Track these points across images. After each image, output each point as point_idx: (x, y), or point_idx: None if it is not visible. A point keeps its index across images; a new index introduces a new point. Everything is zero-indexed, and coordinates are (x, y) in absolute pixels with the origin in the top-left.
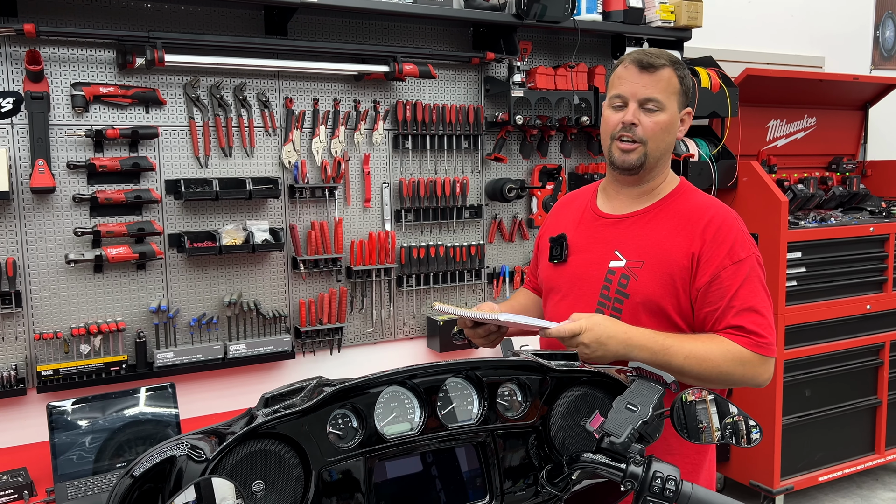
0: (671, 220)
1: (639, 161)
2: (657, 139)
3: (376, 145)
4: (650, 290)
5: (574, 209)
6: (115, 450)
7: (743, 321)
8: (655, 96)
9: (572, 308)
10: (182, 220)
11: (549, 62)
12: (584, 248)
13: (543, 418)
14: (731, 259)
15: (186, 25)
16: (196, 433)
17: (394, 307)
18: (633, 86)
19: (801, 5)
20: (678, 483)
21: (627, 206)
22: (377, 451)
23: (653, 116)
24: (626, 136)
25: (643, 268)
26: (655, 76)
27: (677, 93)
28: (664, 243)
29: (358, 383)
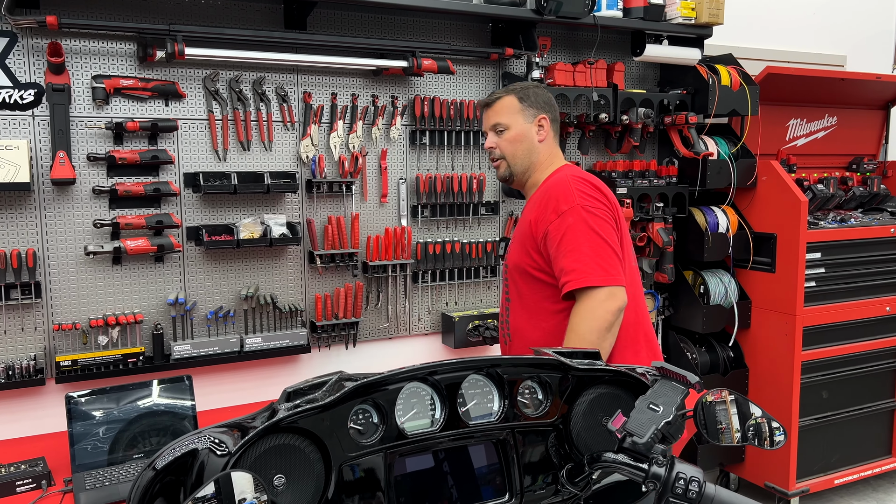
0: (532, 203)
1: (506, 172)
2: (512, 150)
3: (394, 140)
4: (516, 256)
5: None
6: (132, 441)
7: (565, 263)
8: (499, 121)
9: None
10: (200, 213)
11: (567, 58)
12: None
13: (564, 417)
14: (556, 213)
15: (206, 19)
16: (218, 426)
17: (409, 303)
18: (485, 121)
19: (822, 3)
20: (701, 485)
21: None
22: (397, 447)
23: (504, 135)
24: (491, 158)
25: (513, 241)
26: (495, 108)
27: (519, 110)
28: (525, 220)
29: (379, 379)
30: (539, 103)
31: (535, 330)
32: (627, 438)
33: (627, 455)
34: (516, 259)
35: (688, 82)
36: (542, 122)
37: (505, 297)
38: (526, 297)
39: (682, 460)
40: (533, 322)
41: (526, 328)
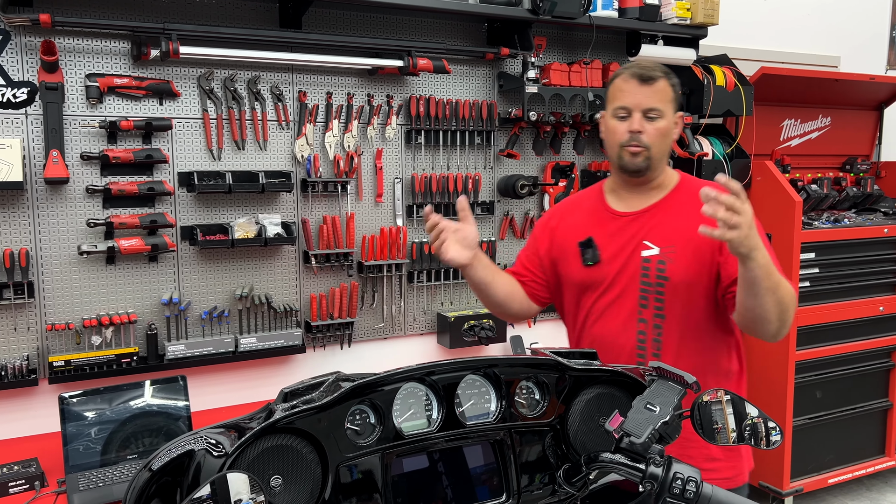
0: (687, 205)
1: (645, 163)
2: (658, 143)
3: (389, 140)
4: (687, 269)
5: (584, 213)
6: (125, 442)
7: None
8: (656, 105)
9: (617, 302)
10: (194, 212)
11: (563, 58)
12: (612, 246)
13: (561, 417)
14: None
15: (201, 17)
16: (214, 427)
17: (404, 303)
18: (635, 97)
19: (817, 4)
20: (699, 485)
21: (641, 202)
22: (394, 448)
23: (654, 124)
24: (633, 144)
25: (676, 251)
26: (654, 87)
27: (672, 100)
28: (690, 226)
29: (376, 379)
30: (680, 98)
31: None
32: (625, 439)
33: (625, 455)
34: (692, 273)
35: (683, 82)
36: (679, 121)
37: (652, 314)
38: (689, 309)
39: (679, 460)
40: (692, 332)
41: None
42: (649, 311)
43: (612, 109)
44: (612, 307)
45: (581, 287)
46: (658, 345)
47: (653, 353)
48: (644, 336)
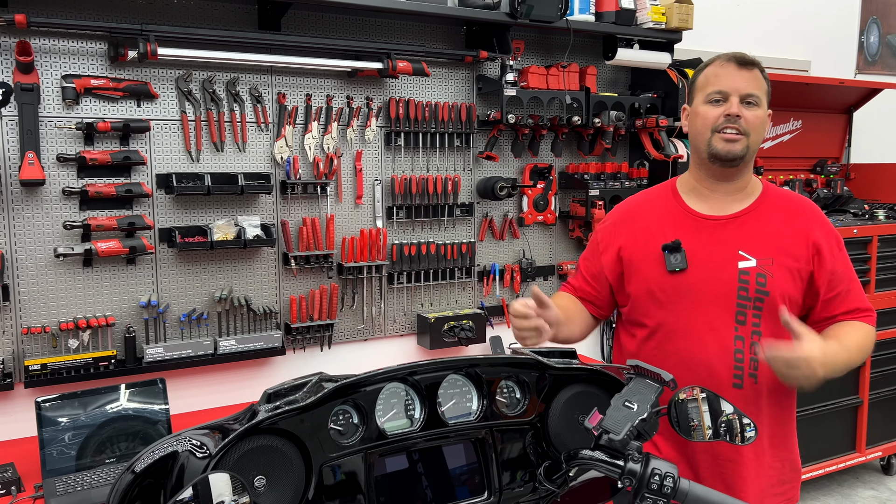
0: (780, 214)
1: (742, 151)
2: (757, 132)
3: (369, 142)
4: (787, 285)
5: (657, 214)
6: (104, 446)
7: (861, 301)
8: (755, 92)
9: (709, 314)
10: (173, 214)
11: (541, 62)
12: (700, 253)
13: (541, 415)
14: (838, 246)
15: (179, 19)
16: (198, 428)
17: (384, 304)
18: (734, 81)
19: (788, 9)
20: (676, 480)
21: (727, 205)
22: (378, 447)
23: (753, 110)
24: (730, 127)
25: (774, 264)
26: (753, 73)
27: (766, 93)
28: (784, 237)
29: (359, 379)
30: (770, 94)
31: None
32: (604, 436)
33: (604, 452)
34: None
35: (658, 86)
36: (769, 121)
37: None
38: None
39: (657, 456)
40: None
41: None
42: (747, 329)
43: (702, 97)
44: (702, 321)
45: (660, 296)
46: (755, 364)
47: (749, 373)
48: (742, 355)
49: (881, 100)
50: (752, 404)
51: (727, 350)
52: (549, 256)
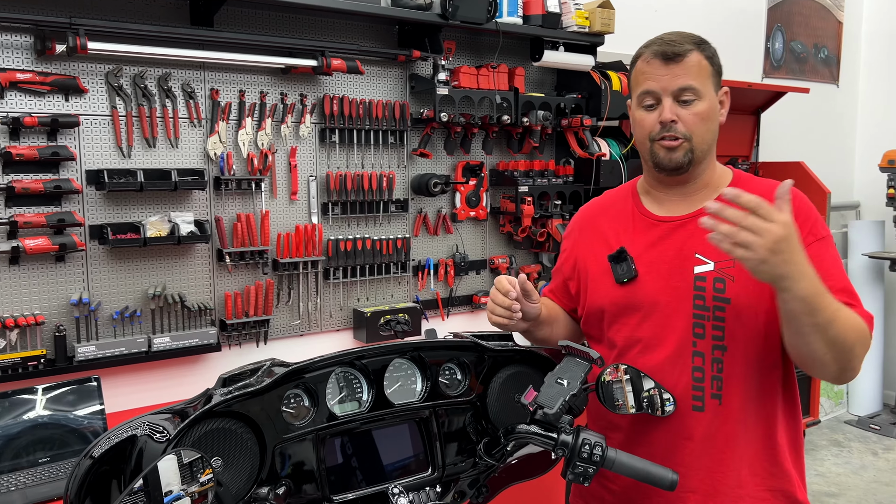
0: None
1: (686, 158)
2: (701, 131)
3: (303, 138)
4: (752, 290)
5: (611, 218)
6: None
7: (847, 301)
8: (689, 84)
9: (664, 329)
10: (104, 211)
11: (472, 62)
12: (654, 259)
13: (481, 395)
14: (815, 236)
15: (110, 13)
16: (154, 413)
17: (321, 299)
18: (661, 79)
19: (701, 17)
20: (604, 449)
21: (686, 205)
22: (328, 428)
23: (691, 108)
24: (667, 135)
25: (736, 266)
26: (683, 64)
27: (710, 75)
28: None
29: (309, 364)
30: (721, 68)
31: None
32: (538, 411)
33: (539, 426)
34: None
35: (582, 87)
36: (725, 98)
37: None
38: (758, 338)
39: (587, 429)
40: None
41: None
42: (706, 343)
43: (636, 98)
44: (658, 336)
45: (614, 311)
46: (719, 383)
47: (712, 393)
48: (701, 373)
49: (785, 102)
50: (718, 430)
51: (684, 368)
52: (481, 251)
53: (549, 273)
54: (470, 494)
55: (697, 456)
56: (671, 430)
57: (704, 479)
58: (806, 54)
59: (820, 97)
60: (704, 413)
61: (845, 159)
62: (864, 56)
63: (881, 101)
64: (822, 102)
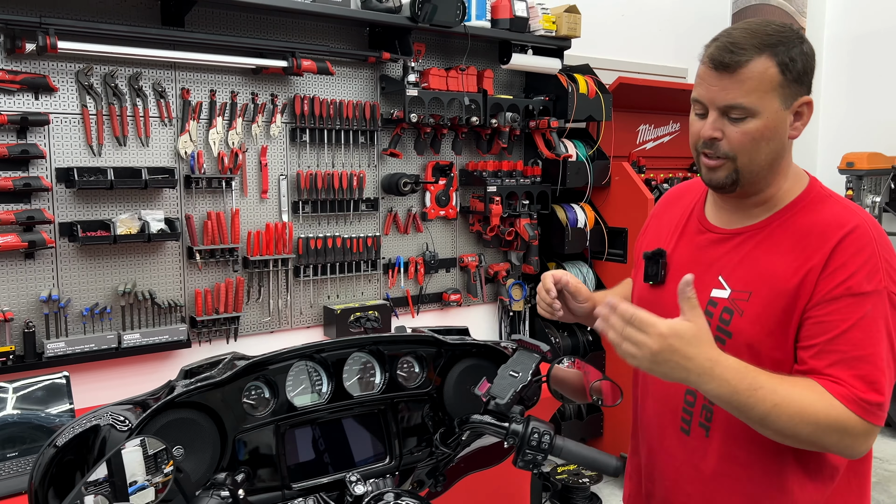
0: (788, 239)
1: (728, 179)
2: (749, 152)
3: (274, 138)
4: (757, 328)
5: (678, 212)
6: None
7: (850, 371)
8: (739, 102)
9: None
10: (74, 208)
11: (441, 64)
12: (685, 269)
13: (438, 387)
14: (850, 290)
15: (80, 12)
16: (118, 403)
17: (291, 297)
18: (710, 90)
19: (667, 21)
20: (552, 437)
21: (739, 218)
22: (288, 419)
23: (740, 126)
24: (708, 152)
25: (750, 300)
26: (738, 77)
27: (777, 87)
28: (777, 268)
29: (269, 357)
30: (808, 73)
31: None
32: (491, 402)
33: (491, 416)
34: (762, 335)
35: (550, 90)
36: (803, 109)
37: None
38: None
39: (537, 418)
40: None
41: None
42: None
43: (692, 100)
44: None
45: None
46: (708, 414)
47: (700, 421)
48: (693, 398)
49: None
50: (698, 459)
51: (677, 389)
52: (451, 249)
53: (518, 270)
54: (429, 483)
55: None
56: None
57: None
58: None
59: None
60: (689, 437)
61: (809, 161)
62: (826, 60)
63: (842, 104)
64: None
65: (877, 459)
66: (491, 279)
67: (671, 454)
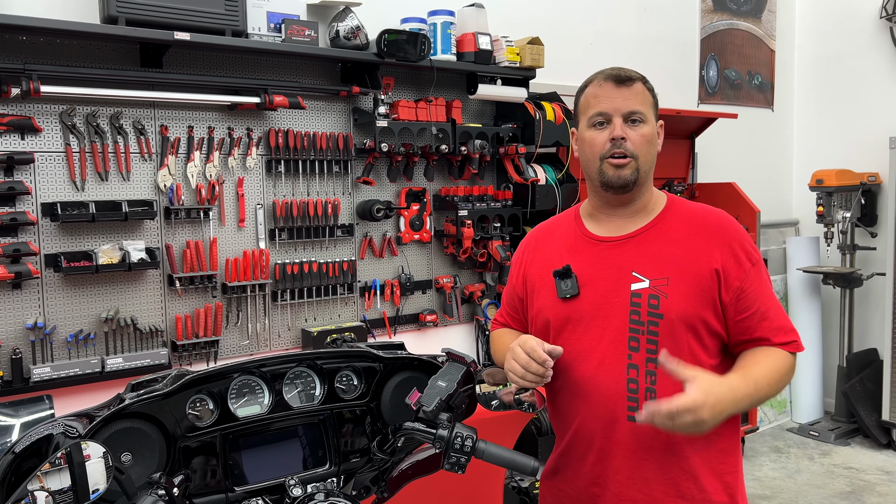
0: (679, 231)
1: (633, 176)
2: (645, 153)
3: (250, 169)
4: (685, 304)
5: (558, 240)
6: None
7: (780, 325)
8: (638, 108)
9: (602, 342)
10: (59, 241)
11: (411, 95)
12: (593, 277)
13: (376, 398)
14: (751, 262)
15: (62, 58)
16: (70, 415)
17: (269, 320)
18: (613, 101)
19: (635, 49)
20: (474, 440)
21: (624, 225)
22: (231, 429)
23: (638, 129)
24: (617, 152)
25: (669, 284)
26: (633, 89)
27: (652, 105)
28: (682, 254)
29: (211, 372)
30: (658, 102)
31: None
32: (420, 410)
33: (421, 423)
34: (691, 309)
35: (518, 117)
36: (660, 131)
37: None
38: (690, 353)
39: (463, 424)
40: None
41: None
42: (640, 355)
43: (586, 120)
44: (595, 348)
45: (558, 324)
46: (652, 394)
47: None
48: (636, 385)
49: (722, 127)
50: (651, 439)
51: (620, 379)
52: (426, 272)
53: (493, 291)
54: (374, 490)
55: (634, 465)
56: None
57: (643, 488)
58: (740, 81)
59: (755, 121)
60: (639, 424)
61: (784, 179)
62: (798, 82)
63: (814, 125)
64: (756, 126)
65: (852, 470)
66: (467, 299)
67: (623, 446)
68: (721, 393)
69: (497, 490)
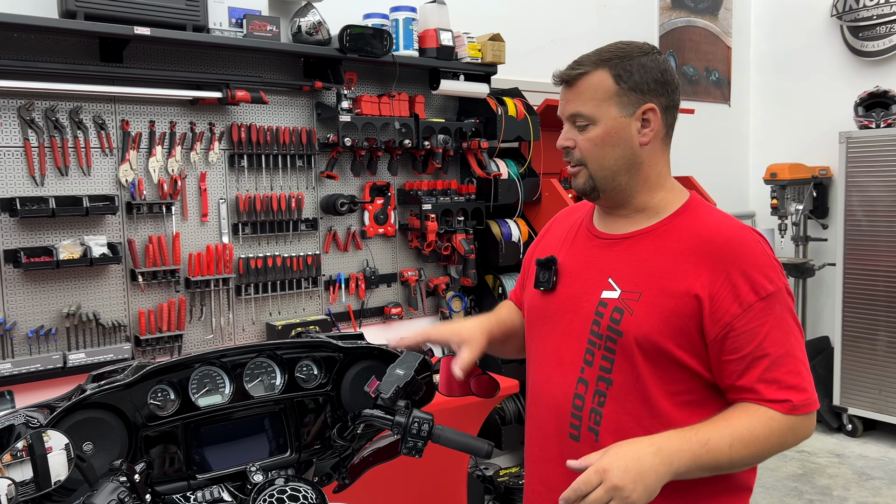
0: (678, 242)
1: (587, 185)
2: (597, 158)
3: (212, 164)
4: (648, 327)
5: (569, 226)
6: None
7: (776, 376)
8: (579, 111)
9: (562, 346)
10: (18, 236)
11: (374, 90)
12: (576, 275)
13: (335, 387)
14: (757, 295)
15: (20, 52)
16: (31, 406)
17: (233, 314)
18: (561, 105)
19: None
20: (431, 425)
21: (625, 225)
22: (192, 419)
23: (585, 133)
24: (566, 160)
25: (640, 300)
26: (576, 89)
27: (613, 95)
28: (668, 270)
29: (172, 363)
30: (648, 83)
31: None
32: (379, 397)
33: (379, 410)
34: (653, 334)
35: (481, 112)
36: (649, 115)
37: (596, 375)
38: (647, 382)
39: (420, 410)
40: (646, 415)
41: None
42: (593, 371)
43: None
44: (555, 353)
45: (531, 316)
46: (598, 417)
47: (589, 426)
48: (581, 402)
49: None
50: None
51: (567, 392)
52: (391, 265)
53: (457, 284)
54: (336, 476)
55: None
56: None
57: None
58: (698, 77)
59: (712, 116)
60: (579, 443)
61: (740, 172)
62: (753, 78)
63: (768, 119)
64: (714, 121)
65: (804, 452)
66: (431, 292)
67: (559, 463)
68: (639, 453)
69: (461, 478)
